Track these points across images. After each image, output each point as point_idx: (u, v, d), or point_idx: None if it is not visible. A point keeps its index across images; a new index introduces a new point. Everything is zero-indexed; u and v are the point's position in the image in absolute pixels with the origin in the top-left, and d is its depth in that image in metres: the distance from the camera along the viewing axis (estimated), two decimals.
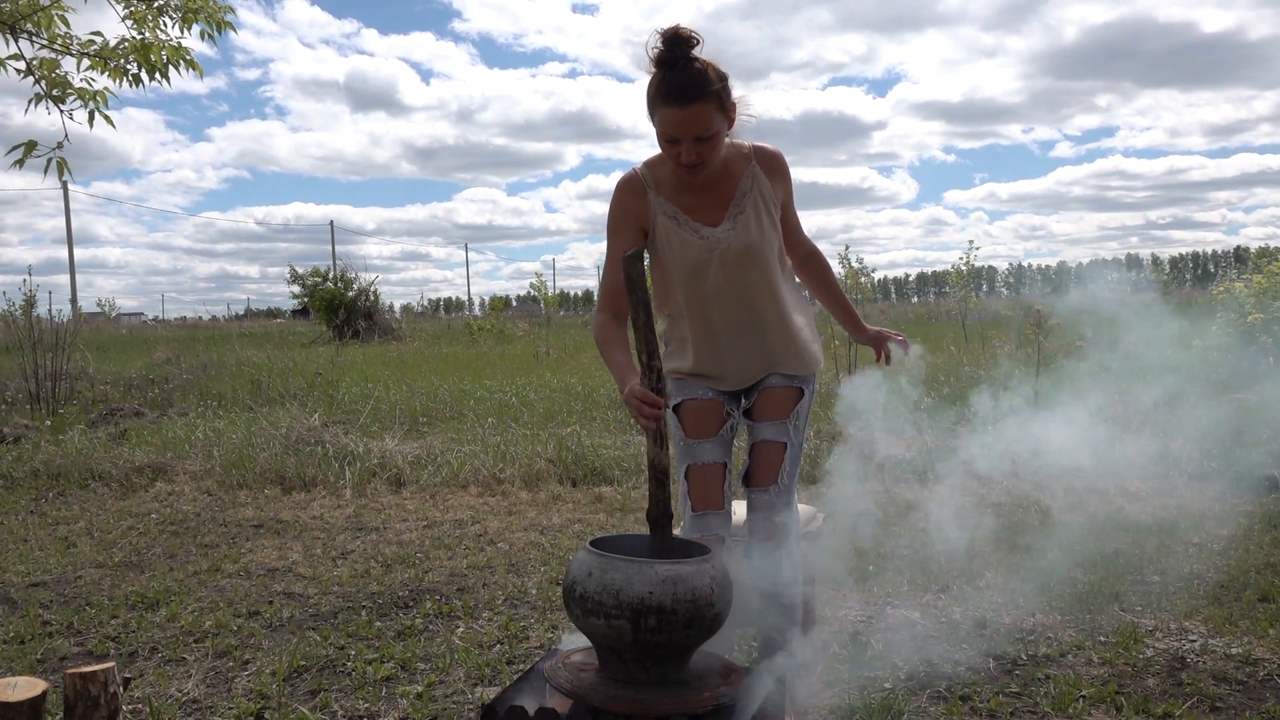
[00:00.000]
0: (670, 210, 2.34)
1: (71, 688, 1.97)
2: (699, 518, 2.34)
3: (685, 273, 2.36)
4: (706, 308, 2.39)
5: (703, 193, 2.34)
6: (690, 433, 2.39)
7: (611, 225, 2.38)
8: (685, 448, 2.39)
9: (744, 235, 2.33)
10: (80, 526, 5.06)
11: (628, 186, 2.37)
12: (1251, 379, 8.66)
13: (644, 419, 1.98)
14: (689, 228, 2.33)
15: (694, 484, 2.35)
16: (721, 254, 2.33)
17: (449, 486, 5.84)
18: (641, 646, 1.87)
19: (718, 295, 2.36)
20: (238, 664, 3.10)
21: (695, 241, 2.33)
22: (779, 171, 2.41)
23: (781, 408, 2.40)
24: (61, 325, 11.16)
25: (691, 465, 2.37)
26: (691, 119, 2.15)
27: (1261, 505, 4.80)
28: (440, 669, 3.00)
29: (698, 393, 2.43)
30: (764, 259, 2.37)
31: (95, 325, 30.42)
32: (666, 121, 2.17)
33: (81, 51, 4.08)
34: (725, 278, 2.35)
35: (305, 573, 4.12)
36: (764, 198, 2.37)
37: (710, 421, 2.39)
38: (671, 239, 2.34)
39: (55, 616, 3.57)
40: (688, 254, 2.34)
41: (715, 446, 2.38)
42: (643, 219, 2.36)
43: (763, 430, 2.40)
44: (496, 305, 32.05)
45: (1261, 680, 2.79)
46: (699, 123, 2.15)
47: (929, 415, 7.60)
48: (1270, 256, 10.33)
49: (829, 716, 2.60)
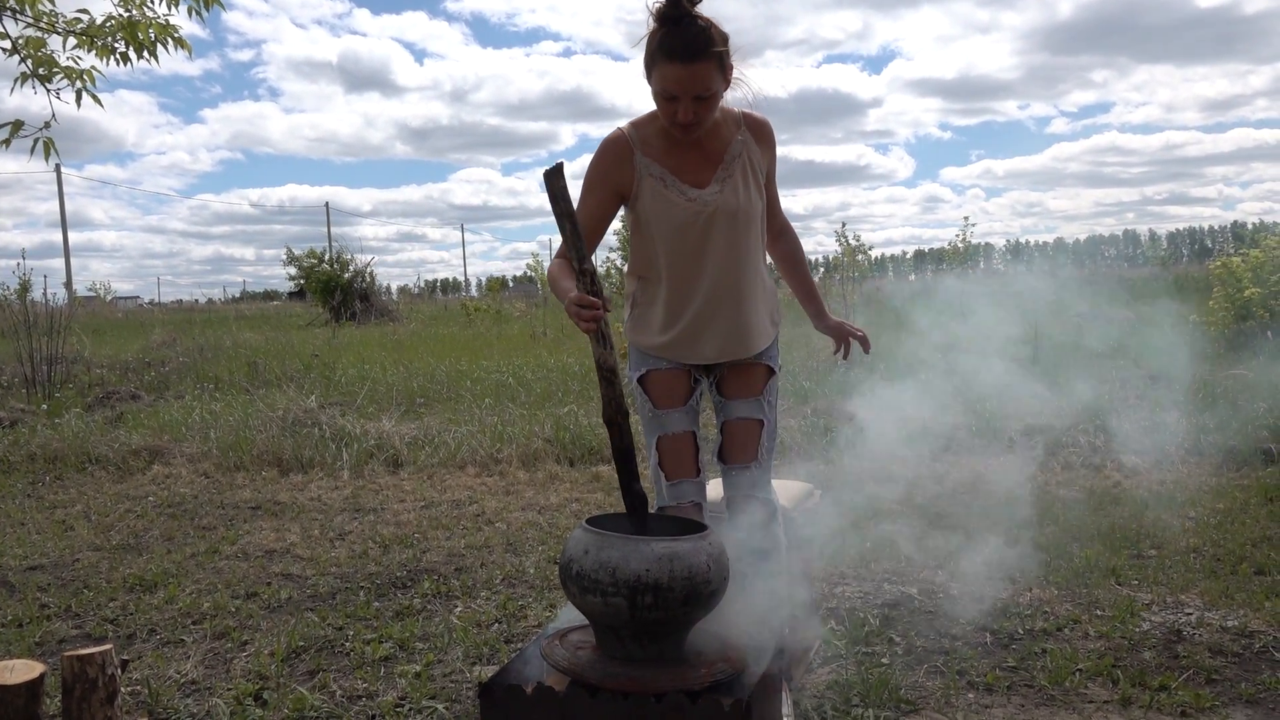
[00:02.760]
0: (656, 170, 2.28)
1: (69, 670, 1.97)
2: (674, 485, 2.34)
3: (669, 233, 2.29)
4: (688, 271, 2.31)
5: (690, 152, 2.29)
6: (659, 403, 2.37)
7: (587, 183, 2.33)
8: (654, 418, 2.37)
9: (732, 198, 2.28)
10: (77, 510, 5.06)
11: (612, 148, 2.30)
12: (1248, 354, 8.67)
13: (583, 322, 1.98)
14: (676, 188, 2.27)
15: (665, 453, 2.35)
16: (709, 216, 2.27)
17: (446, 467, 5.84)
18: (638, 624, 1.87)
19: (701, 258, 2.30)
20: (236, 645, 3.10)
21: (682, 202, 2.27)
22: (767, 140, 2.38)
23: (753, 385, 2.38)
24: (57, 309, 11.11)
25: (662, 435, 2.36)
26: (693, 77, 2.12)
27: (1257, 479, 4.81)
28: (438, 648, 3.01)
29: (661, 363, 2.39)
30: (750, 224, 2.32)
31: (91, 309, 30.30)
32: (667, 78, 2.13)
33: (67, 29, 4.02)
34: (710, 240, 2.28)
35: (303, 554, 4.12)
36: (752, 165, 2.34)
37: (678, 391, 2.37)
38: (657, 199, 2.28)
39: (53, 599, 3.57)
40: (673, 214, 2.27)
41: (684, 416, 2.37)
42: (623, 184, 2.30)
43: (736, 407, 2.38)
44: (493, 286, 31.99)
45: (1257, 652, 2.80)
46: (700, 81, 2.12)
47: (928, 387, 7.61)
48: (1267, 231, 10.31)
49: (826, 692, 2.60)
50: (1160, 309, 12.42)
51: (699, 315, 2.33)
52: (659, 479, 2.39)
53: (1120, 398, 6.70)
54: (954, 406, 7.05)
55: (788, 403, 7.22)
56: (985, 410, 5.87)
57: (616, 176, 2.30)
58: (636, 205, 2.32)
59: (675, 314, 2.35)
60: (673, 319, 2.35)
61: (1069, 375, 6.25)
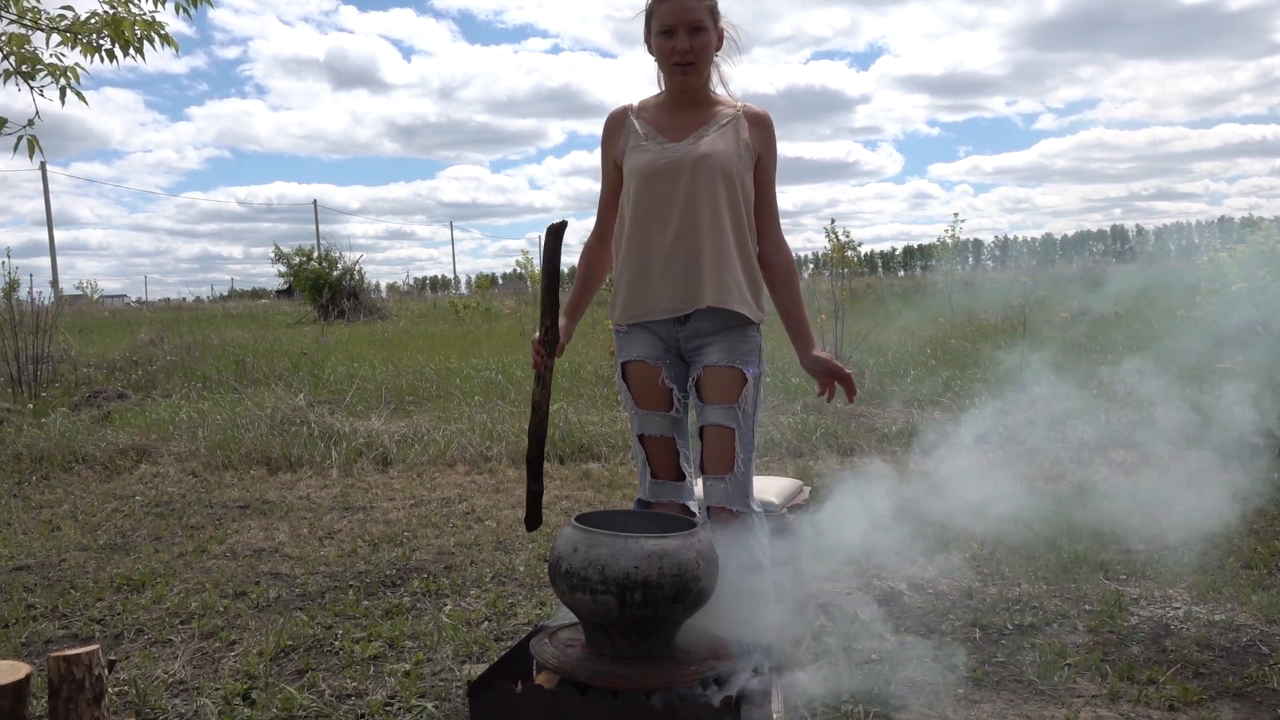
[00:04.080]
0: (643, 128, 2.43)
1: (55, 671, 1.95)
2: (656, 484, 2.44)
3: (637, 181, 2.38)
4: (655, 218, 2.38)
5: (681, 115, 2.42)
6: (639, 401, 2.44)
7: (601, 153, 2.54)
8: (635, 415, 2.46)
9: (705, 148, 2.37)
10: (64, 509, 5.03)
11: (611, 118, 2.51)
12: (1236, 348, 8.72)
13: (533, 359, 2.40)
14: (655, 141, 2.40)
15: (651, 452, 2.45)
16: (676, 162, 2.36)
17: (436, 465, 5.82)
18: (628, 622, 1.87)
19: (669, 207, 2.37)
20: (224, 645, 3.09)
21: (656, 151, 2.39)
22: (762, 127, 2.44)
23: (727, 391, 2.37)
24: (43, 308, 11.04)
25: (645, 435, 2.44)
26: (687, 8, 2.30)
27: (1245, 473, 4.83)
28: (428, 647, 3.00)
29: (634, 353, 2.45)
30: (722, 177, 2.35)
31: (78, 308, 30.12)
32: (665, 13, 2.32)
33: (51, 26, 3.99)
34: (678, 189, 2.36)
35: (292, 553, 4.10)
36: (738, 134, 2.41)
37: (654, 394, 2.42)
38: (634, 151, 2.42)
39: (40, 600, 3.55)
40: (643, 160, 2.39)
41: (664, 422, 2.42)
42: (617, 151, 2.47)
43: (711, 413, 2.39)
44: (483, 283, 31.92)
45: (1244, 646, 2.81)
46: (693, 11, 2.31)
47: (917, 387, 7.63)
48: (1254, 226, 10.36)
49: (815, 688, 2.60)
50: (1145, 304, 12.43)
51: (658, 260, 2.39)
52: (644, 473, 2.45)
53: (1107, 394, 6.73)
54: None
55: (779, 399, 7.23)
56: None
57: (611, 145, 2.48)
58: (623, 164, 2.45)
59: (638, 262, 2.41)
60: (635, 267, 2.42)
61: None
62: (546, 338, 2.35)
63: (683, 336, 2.41)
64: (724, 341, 2.38)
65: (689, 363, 2.45)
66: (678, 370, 2.44)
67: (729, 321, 2.38)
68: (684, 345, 2.43)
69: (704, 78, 2.41)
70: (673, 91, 2.42)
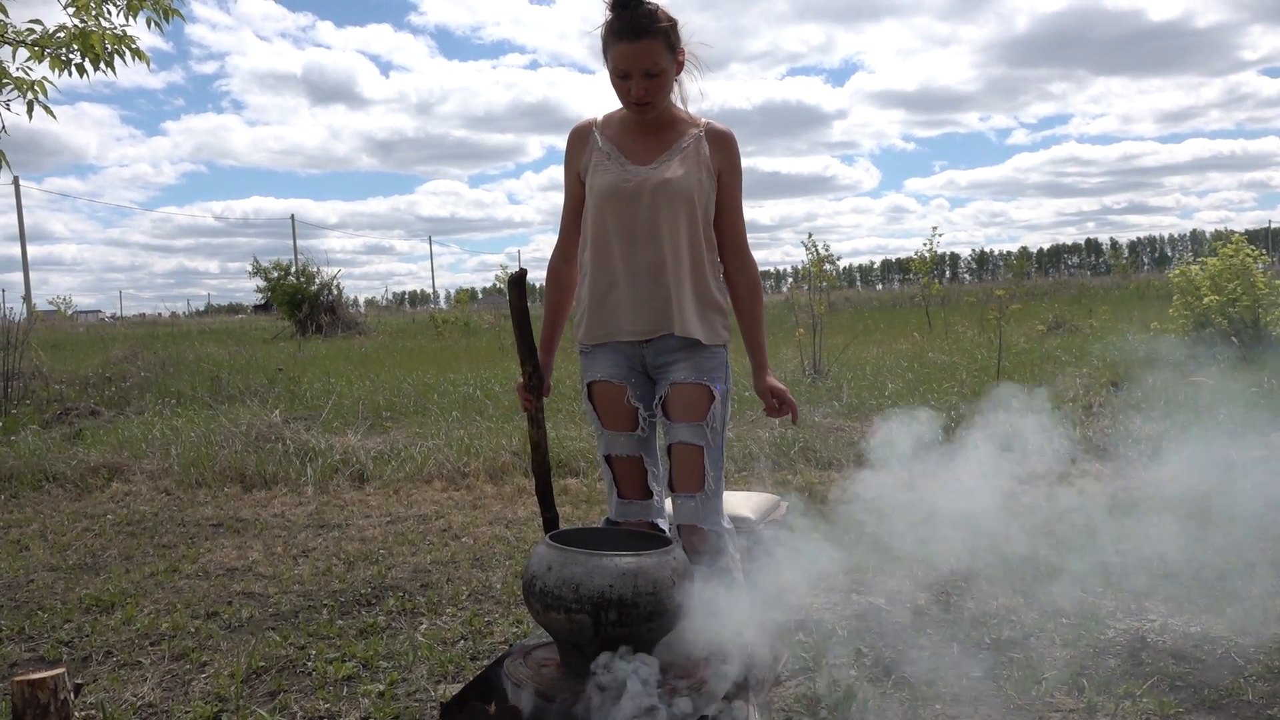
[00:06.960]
0: (607, 148, 2.42)
1: (20, 696, 1.91)
2: (624, 504, 2.44)
3: (598, 202, 2.38)
4: (616, 239, 2.39)
5: (645, 138, 2.42)
6: (604, 421, 2.44)
7: (565, 166, 2.54)
8: (601, 435, 2.46)
9: (666, 173, 2.37)
10: (33, 529, 4.95)
11: (575, 132, 2.52)
12: (1208, 360, 8.81)
13: (522, 404, 2.48)
14: (617, 162, 2.40)
15: (618, 472, 2.45)
16: (638, 186, 2.36)
17: (413, 481, 5.78)
18: (603, 641, 1.85)
19: (630, 229, 2.37)
20: (195, 666, 3.04)
21: (617, 172, 2.39)
22: (723, 145, 2.44)
23: (695, 409, 2.37)
24: (14, 324, 10.90)
25: (611, 455, 2.44)
26: (641, 53, 2.26)
27: (1218, 484, 4.87)
28: (403, 667, 2.96)
29: (599, 373, 2.45)
30: (683, 202, 2.36)
31: (51, 323, 29.82)
32: (618, 56, 2.28)
33: (18, 39, 3.95)
34: (639, 212, 2.37)
35: (265, 572, 4.05)
36: (699, 156, 2.41)
37: (619, 413, 2.42)
38: (598, 170, 2.41)
39: (6, 622, 3.48)
40: (605, 182, 2.38)
41: (631, 442, 2.42)
42: (581, 165, 2.47)
43: (679, 431, 2.39)
44: (462, 298, 31.85)
45: (1219, 658, 2.82)
46: (647, 57, 2.27)
47: (892, 399, 7.66)
48: (1224, 239, 10.49)
49: (793, 705, 2.59)
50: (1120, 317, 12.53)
51: (621, 281, 2.40)
52: (612, 493, 2.46)
53: (1084, 404, 6.78)
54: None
55: (756, 413, 7.23)
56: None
57: (574, 160, 2.47)
58: (586, 181, 2.44)
59: (599, 284, 2.42)
60: (597, 289, 2.42)
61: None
62: (530, 382, 2.41)
63: (648, 354, 2.42)
64: (690, 359, 2.39)
65: (655, 380, 2.45)
66: (644, 388, 2.44)
67: (694, 340, 2.39)
68: (650, 363, 2.43)
69: (662, 106, 2.39)
70: (633, 118, 2.42)
